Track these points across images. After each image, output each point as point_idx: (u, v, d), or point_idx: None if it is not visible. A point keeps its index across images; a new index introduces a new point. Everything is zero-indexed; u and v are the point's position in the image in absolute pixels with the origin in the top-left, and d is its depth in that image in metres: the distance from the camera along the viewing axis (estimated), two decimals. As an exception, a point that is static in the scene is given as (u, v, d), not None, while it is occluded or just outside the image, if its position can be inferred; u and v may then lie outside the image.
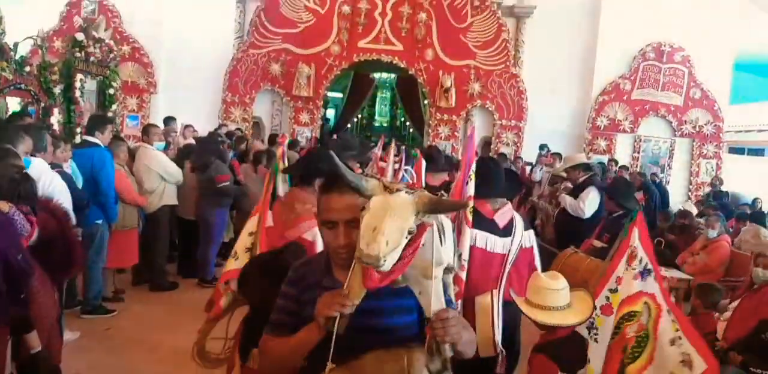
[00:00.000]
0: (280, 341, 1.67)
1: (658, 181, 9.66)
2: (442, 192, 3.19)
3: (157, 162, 5.75)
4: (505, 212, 3.15)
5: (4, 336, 2.81)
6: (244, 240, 3.07)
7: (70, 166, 4.55)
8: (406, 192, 1.49)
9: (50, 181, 3.83)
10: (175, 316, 5.13)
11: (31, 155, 3.85)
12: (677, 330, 2.68)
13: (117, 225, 5.12)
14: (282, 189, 3.64)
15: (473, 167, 2.95)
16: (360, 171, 4.91)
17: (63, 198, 3.83)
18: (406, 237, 1.43)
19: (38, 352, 2.95)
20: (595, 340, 2.66)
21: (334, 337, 1.51)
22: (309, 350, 1.60)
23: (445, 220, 1.71)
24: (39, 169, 3.83)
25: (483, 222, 3.05)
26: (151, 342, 4.57)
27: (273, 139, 9.25)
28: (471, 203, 2.84)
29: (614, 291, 2.69)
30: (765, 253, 4.51)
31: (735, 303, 4.36)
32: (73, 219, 3.84)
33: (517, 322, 3.19)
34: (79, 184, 4.54)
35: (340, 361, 1.52)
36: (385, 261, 1.39)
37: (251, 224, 3.09)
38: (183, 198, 6.00)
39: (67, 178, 4.20)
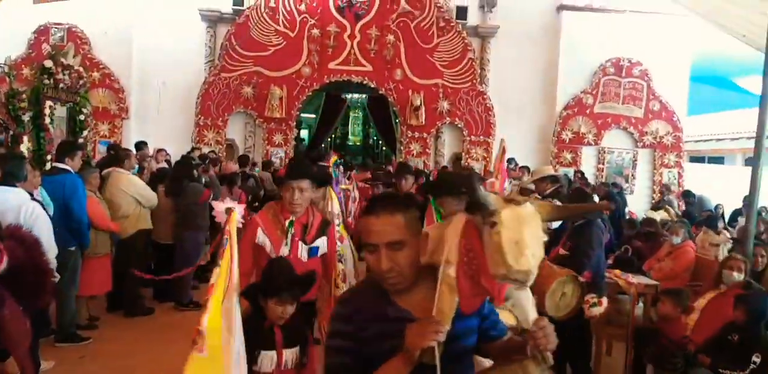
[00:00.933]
0: None
1: (617, 190, 9.92)
2: None
3: (133, 186, 5.76)
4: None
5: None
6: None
7: (39, 194, 4.54)
8: (530, 202, 1.44)
9: (31, 211, 3.81)
10: (151, 342, 5.11)
11: (11, 185, 3.84)
12: None
13: (89, 252, 5.09)
14: None
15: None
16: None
17: (44, 226, 3.82)
18: (543, 248, 1.40)
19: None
20: None
21: (438, 368, 1.41)
22: None
23: None
24: (19, 198, 3.82)
25: None
26: (126, 369, 4.54)
27: (244, 160, 9.31)
28: (610, 206, 2.80)
29: None
30: (736, 257, 4.63)
31: (699, 304, 4.51)
32: (53, 247, 3.83)
33: None
34: (50, 211, 4.53)
35: None
36: (533, 274, 1.33)
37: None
38: (157, 222, 6.00)
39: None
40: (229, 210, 2.82)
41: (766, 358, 3.54)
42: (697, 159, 17.38)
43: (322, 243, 3.25)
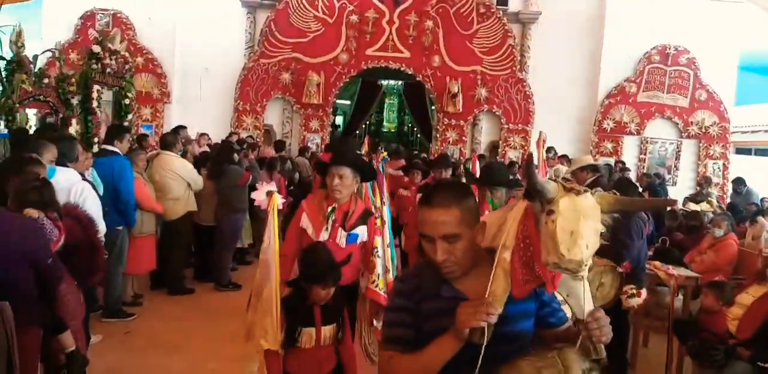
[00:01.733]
0: (409, 357, 1.58)
1: (659, 181, 9.73)
2: None
3: (185, 170, 5.90)
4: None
5: (36, 338, 2.91)
6: None
7: (91, 175, 4.70)
8: (591, 193, 1.44)
9: (81, 190, 3.95)
10: (192, 320, 5.27)
11: (62, 165, 3.98)
12: None
13: (135, 232, 5.25)
14: None
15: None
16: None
17: (94, 206, 3.96)
18: (599, 240, 1.40)
19: (72, 351, 3.05)
20: None
21: (483, 348, 1.45)
22: (445, 361, 1.52)
23: None
24: (70, 178, 3.96)
25: None
26: (169, 344, 4.69)
27: (281, 146, 9.42)
28: (676, 202, 2.79)
29: None
30: (775, 250, 4.54)
31: (741, 298, 4.43)
32: (102, 226, 3.97)
33: None
34: (100, 191, 4.69)
35: (482, 369, 1.48)
36: (586, 265, 1.35)
37: None
38: (199, 205, 6.14)
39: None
40: (270, 194, 2.92)
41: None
42: (743, 151, 16.85)
43: (362, 231, 3.33)
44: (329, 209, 3.26)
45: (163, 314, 5.45)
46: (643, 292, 4.44)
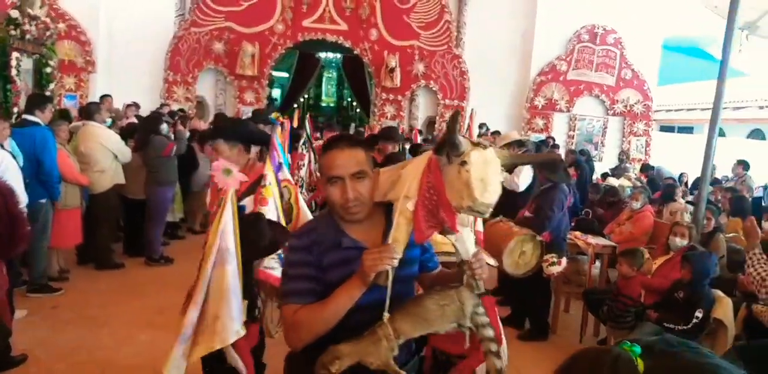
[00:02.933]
0: (315, 307, 1.65)
1: (585, 158, 10.17)
2: None
3: (111, 141, 5.72)
4: None
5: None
6: None
7: (9, 145, 4.51)
8: (492, 147, 1.63)
9: (1, 160, 3.81)
10: (121, 294, 5.19)
11: None
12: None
13: (60, 205, 5.10)
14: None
15: None
16: None
17: (13, 176, 3.82)
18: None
19: None
20: None
21: (389, 290, 1.61)
22: (348, 308, 1.62)
23: None
24: (-12, 148, 3.82)
25: None
26: (98, 319, 4.62)
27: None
28: (558, 157, 2.89)
29: None
30: (681, 223, 4.86)
31: (651, 267, 4.76)
32: (24, 197, 3.84)
33: None
34: (20, 162, 4.52)
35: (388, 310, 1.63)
36: (491, 207, 1.55)
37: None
38: (127, 178, 5.99)
39: (9, 157, 4.18)
40: (228, 172, 2.78)
41: (707, 314, 3.79)
42: (667, 128, 17.71)
43: (248, 201, 3.08)
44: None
45: (91, 289, 5.33)
46: (563, 261, 4.69)
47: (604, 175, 9.73)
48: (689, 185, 9.73)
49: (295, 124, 6.78)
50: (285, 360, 1.87)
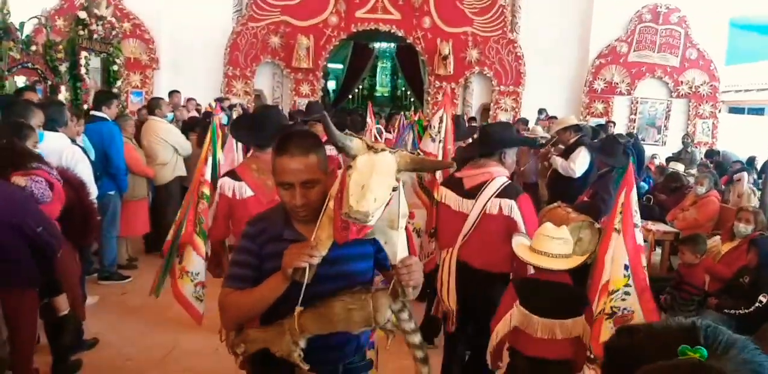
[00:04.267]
0: (242, 293, 1.71)
1: (632, 140, 9.82)
2: (419, 151, 3.27)
3: (172, 135, 5.94)
4: (477, 174, 3.05)
5: (33, 299, 3.04)
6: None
7: (83, 140, 4.77)
8: (389, 152, 1.55)
9: (72, 154, 3.99)
10: (188, 280, 5.43)
11: (52, 130, 4.01)
12: (626, 282, 2.55)
13: (127, 196, 5.34)
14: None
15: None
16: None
17: (85, 169, 4.02)
18: (390, 194, 1.51)
19: (65, 314, 3.18)
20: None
21: (304, 287, 1.59)
22: (274, 299, 1.65)
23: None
24: (61, 142, 4.01)
25: (451, 181, 3.18)
26: (164, 305, 4.74)
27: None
28: (454, 164, 2.92)
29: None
30: (746, 208, 4.66)
31: (716, 254, 4.59)
32: (94, 189, 4.06)
33: (482, 286, 3.03)
34: (92, 156, 4.77)
35: (306, 305, 1.64)
36: (372, 216, 1.46)
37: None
38: (190, 170, 6.22)
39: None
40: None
41: (773, 300, 3.64)
42: (737, 110, 16.86)
43: None
44: None
45: (159, 275, 5.59)
46: (622, 247, 4.58)
47: (668, 160, 9.38)
48: (759, 168, 9.27)
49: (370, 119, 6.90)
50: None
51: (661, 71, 11.30)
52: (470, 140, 5.06)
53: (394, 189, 1.52)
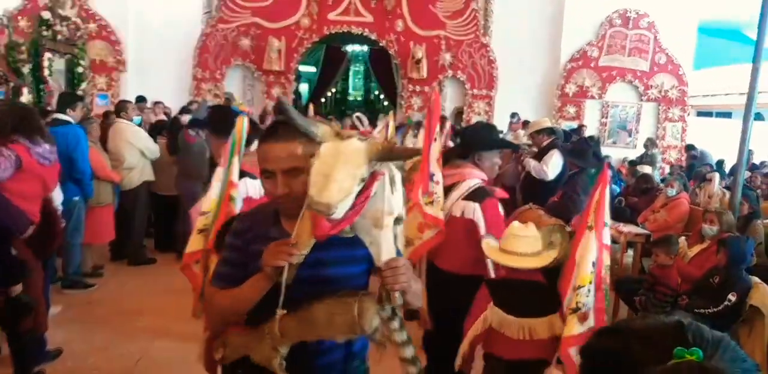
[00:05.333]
0: (227, 293, 1.63)
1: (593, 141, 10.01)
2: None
3: (138, 138, 5.82)
4: (449, 176, 3.06)
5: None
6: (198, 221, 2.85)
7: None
8: (358, 139, 1.44)
9: None
10: (154, 288, 5.27)
11: None
12: (590, 280, 2.51)
13: (92, 202, 5.19)
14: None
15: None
16: None
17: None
18: (358, 185, 1.39)
19: (20, 296, 3.02)
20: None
21: (283, 288, 1.49)
22: (257, 300, 1.56)
23: (396, 171, 1.60)
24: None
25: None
26: (131, 313, 4.70)
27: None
28: (421, 152, 2.77)
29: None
30: (711, 210, 4.75)
31: (686, 256, 4.64)
32: (59, 195, 3.93)
33: (447, 288, 3.03)
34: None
35: (289, 309, 1.53)
36: (336, 208, 1.36)
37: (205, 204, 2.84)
38: (158, 174, 6.08)
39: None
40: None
41: (742, 299, 3.68)
42: (705, 114, 17.24)
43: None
44: None
45: (124, 284, 5.45)
46: (594, 249, 4.60)
47: (631, 163, 9.54)
48: (727, 171, 9.46)
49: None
50: None
51: (631, 75, 11.46)
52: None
53: (362, 180, 1.40)
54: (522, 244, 2.63)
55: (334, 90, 17.52)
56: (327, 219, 1.43)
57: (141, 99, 8.47)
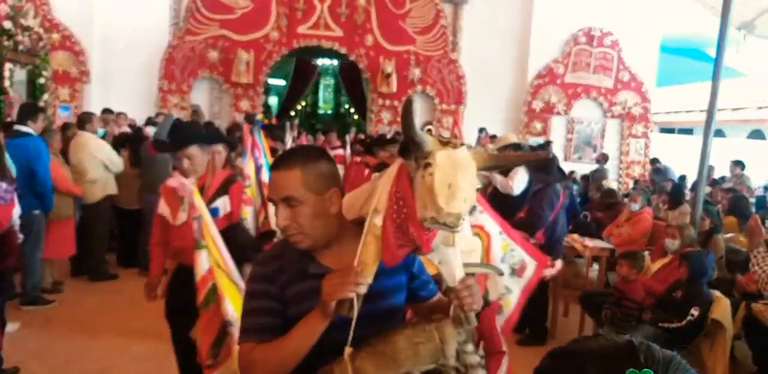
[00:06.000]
0: (272, 345, 1.43)
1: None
2: None
3: (102, 150, 5.71)
4: None
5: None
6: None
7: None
8: (466, 147, 1.38)
9: None
10: (116, 305, 5.15)
11: None
12: (507, 245, 2.69)
13: (52, 216, 5.06)
14: None
15: None
16: None
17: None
18: (476, 195, 1.34)
19: None
20: None
21: (354, 322, 1.35)
22: (311, 345, 1.39)
23: None
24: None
25: None
26: (92, 330, 4.60)
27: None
28: (547, 155, 2.78)
29: None
30: (672, 225, 4.85)
31: (650, 270, 4.72)
32: (16, 209, 3.81)
33: None
34: (13, 173, 4.48)
35: (354, 347, 1.38)
36: (463, 219, 1.29)
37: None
38: (121, 188, 5.96)
39: None
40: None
41: (704, 313, 3.75)
42: (668, 130, 17.71)
43: (222, 203, 3.04)
44: None
45: (85, 300, 5.32)
46: (558, 263, 4.63)
47: (583, 177, 9.81)
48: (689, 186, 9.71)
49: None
50: None
51: (595, 92, 11.73)
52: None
53: (477, 190, 1.34)
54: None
55: (304, 103, 17.46)
56: (401, 243, 1.36)
57: (107, 111, 8.30)
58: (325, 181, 1.50)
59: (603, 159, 10.70)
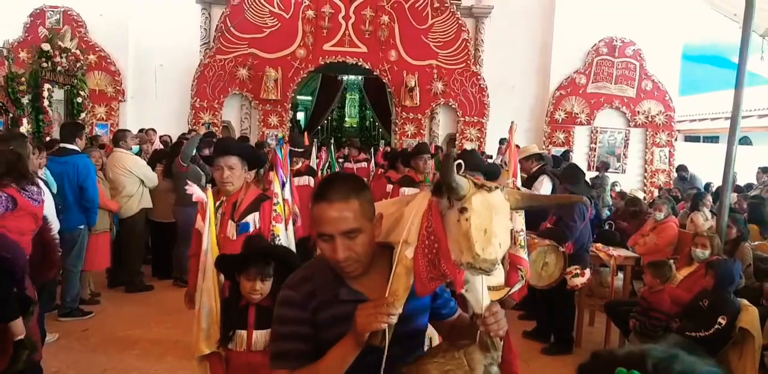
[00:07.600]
0: (306, 371, 1.44)
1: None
2: None
3: (137, 167, 5.91)
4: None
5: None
6: None
7: (44, 173, 4.70)
8: (500, 189, 1.39)
9: None
10: (151, 316, 5.29)
11: None
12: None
13: (92, 229, 5.26)
14: None
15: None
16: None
17: (48, 204, 3.96)
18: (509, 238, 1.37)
19: (21, 339, 3.03)
20: None
21: (386, 351, 1.38)
22: (344, 370, 1.42)
23: None
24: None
25: None
26: (128, 340, 4.72)
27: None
28: (583, 198, 2.75)
29: None
30: (702, 233, 4.81)
31: (676, 279, 4.71)
32: (56, 224, 4.00)
33: None
34: (53, 189, 4.69)
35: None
36: (498, 265, 1.31)
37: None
38: (155, 201, 6.16)
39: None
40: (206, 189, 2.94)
41: (731, 322, 3.73)
42: (693, 138, 17.50)
43: (252, 219, 3.17)
44: (217, 204, 3.13)
45: (121, 311, 5.47)
46: (587, 272, 4.68)
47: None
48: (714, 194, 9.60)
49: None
50: None
51: (618, 102, 11.71)
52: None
53: (511, 232, 1.39)
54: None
55: (330, 117, 17.72)
56: (432, 276, 1.39)
57: (142, 130, 8.63)
58: (372, 207, 1.51)
59: (603, 167, 10.70)
